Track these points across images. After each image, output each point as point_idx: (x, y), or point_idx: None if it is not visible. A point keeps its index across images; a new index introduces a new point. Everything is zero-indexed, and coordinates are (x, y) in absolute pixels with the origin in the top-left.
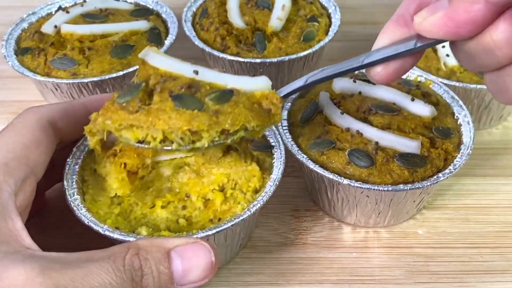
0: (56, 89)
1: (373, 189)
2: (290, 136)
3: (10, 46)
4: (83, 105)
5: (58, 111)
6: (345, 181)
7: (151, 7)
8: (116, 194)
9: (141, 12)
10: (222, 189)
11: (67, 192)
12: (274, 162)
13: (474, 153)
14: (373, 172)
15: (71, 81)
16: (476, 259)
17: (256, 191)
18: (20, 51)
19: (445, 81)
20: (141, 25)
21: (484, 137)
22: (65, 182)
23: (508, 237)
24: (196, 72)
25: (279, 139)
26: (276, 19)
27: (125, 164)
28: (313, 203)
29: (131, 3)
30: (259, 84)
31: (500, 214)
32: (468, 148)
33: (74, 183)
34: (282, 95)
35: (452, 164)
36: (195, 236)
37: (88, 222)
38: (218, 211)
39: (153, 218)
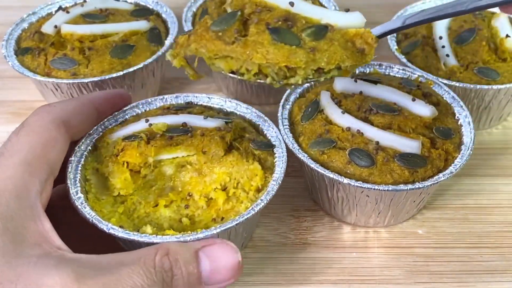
0: (56, 89)
1: (373, 189)
2: (291, 135)
3: (10, 46)
4: (91, 102)
5: (71, 110)
6: (346, 181)
7: (151, 7)
8: (119, 193)
9: (141, 12)
10: (224, 188)
11: (70, 190)
12: (276, 161)
13: (474, 153)
14: (374, 171)
15: (71, 81)
16: (476, 259)
17: (259, 190)
18: (20, 51)
19: (445, 81)
20: (141, 25)
21: (484, 137)
22: (68, 181)
23: (508, 237)
24: (292, 4)
25: (280, 138)
26: None
27: (127, 163)
28: (313, 202)
29: (131, 3)
30: (353, 21)
31: (500, 214)
32: (468, 148)
33: (77, 182)
34: (376, 34)
35: (452, 164)
36: (199, 235)
37: (92, 220)
38: (221, 210)
39: (156, 217)
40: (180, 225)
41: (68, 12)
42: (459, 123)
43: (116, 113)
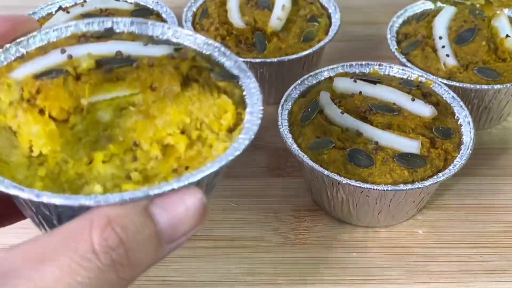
0: None
1: (373, 189)
2: (290, 136)
3: None
4: None
5: None
6: (345, 181)
7: (151, 7)
8: (40, 152)
9: (141, 12)
10: (183, 132)
11: None
12: (245, 94)
13: (474, 153)
14: (373, 172)
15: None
16: (476, 259)
17: (231, 130)
18: None
19: (445, 81)
20: None
21: (484, 137)
22: None
23: (508, 237)
24: None
25: (244, 66)
26: (276, 19)
27: (44, 110)
28: (313, 203)
29: (131, 3)
30: None
31: (500, 214)
32: (468, 148)
33: None
34: None
35: (452, 164)
36: (166, 186)
37: (7, 187)
38: (182, 158)
39: (93, 177)
40: (129, 184)
41: (68, 12)
42: (458, 123)
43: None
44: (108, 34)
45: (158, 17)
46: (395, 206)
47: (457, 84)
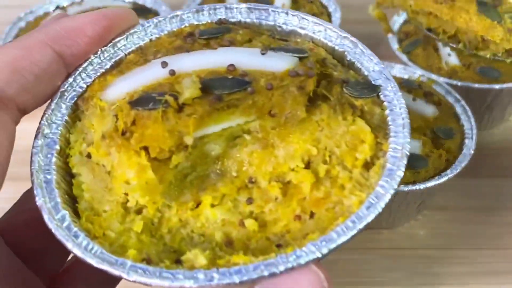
0: None
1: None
2: None
3: None
4: (45, 43)
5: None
6: None
7: (149, 6)
8: (136, 202)
9: (138, 11)
10: (308, 166)
11: (41, 201)
12: (387, 114)
13: (476, 154)
14: None
15: None
16: (478, 261)
17: (367, 167)
18: None
19: (447, 81)
20: None
21: (486, 137)
22: (34, 186)
23: (510, 238)
24: None
25: (385, 71)
26: None
27: (146, 148)
28: None
29: (129, 2)
30: None
31: (503, 215)
32: (470, 148)
33: (52, 184)
34: None
35: (453, 164)
36: (294, 261)
37: (97, 263)
38: (307, 201)
39: (200, 226)
40: (243, 233)
41: (65, 11)
42: (460, 123)
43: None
44: (221, 31)
45: (156, 16)
46: (396, 207)
47: (459, 84)
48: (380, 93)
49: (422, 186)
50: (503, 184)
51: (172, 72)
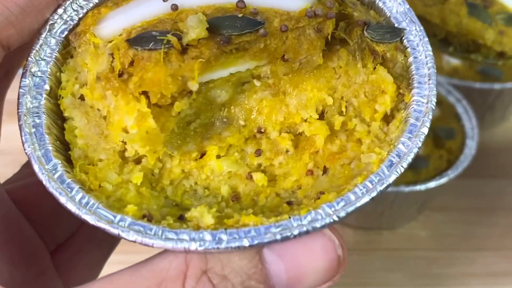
0: None
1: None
2: None
3: None
4: None
5: None
6: None
7: None
8: (136, 152)
9: None
10: (322, 116)
11: (30, 149)
12: (411, 62)
13: (477, 154)
14: None
15: None
16: (479, 262)
17: (387, 120)
18: None
19: (448, 80)
20: None
21: (487, 137)
22: (22, 123)
23: (511, 239)
24: None
25: (411, 14)
26: None
27: (146, 94)
28: None
29: None
30: None
31: (503, 216)
32: (471, 149)
33: (42, 128)
34: None
35: (455, 165)
36: (305, 221)
37: (94, 220)
38: (320, 155)
39: (204, 178)
40: (251, 187)
41: None
42: (461, 122)
43: None
44: None
45: None
46: (397, 208)
47: (460, 83)
48: (403, 38)
49: (423, 187)
50: (504, 184)
51: (175, 7)
